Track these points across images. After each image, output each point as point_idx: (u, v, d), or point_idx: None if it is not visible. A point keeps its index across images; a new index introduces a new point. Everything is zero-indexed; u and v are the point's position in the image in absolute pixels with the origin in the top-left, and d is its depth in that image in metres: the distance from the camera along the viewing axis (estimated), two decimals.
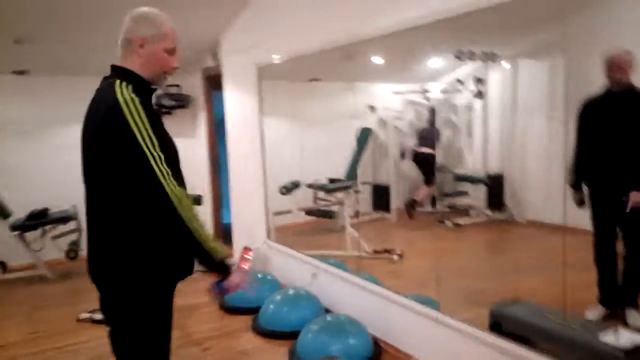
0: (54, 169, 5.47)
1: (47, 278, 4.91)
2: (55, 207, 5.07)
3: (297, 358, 2.88)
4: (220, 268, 1.64)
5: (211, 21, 4.75)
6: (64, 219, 4.90)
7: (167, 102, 5.96)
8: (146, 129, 1.52)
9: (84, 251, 5.01)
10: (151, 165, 1.50)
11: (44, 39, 4.42)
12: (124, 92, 1.56)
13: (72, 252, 4.90)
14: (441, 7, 2.56)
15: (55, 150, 5.48)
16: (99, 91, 1.71)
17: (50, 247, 4.97)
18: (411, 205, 5.28)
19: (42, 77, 5.32)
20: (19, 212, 4.89)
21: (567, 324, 2.44)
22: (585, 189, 2.86)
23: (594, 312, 2.76)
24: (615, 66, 2.61)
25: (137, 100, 1.55)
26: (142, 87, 1.66)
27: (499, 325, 2.60)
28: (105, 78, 1.72)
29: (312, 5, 3.67)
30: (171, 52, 1.71)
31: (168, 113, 6.03)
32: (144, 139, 1.50)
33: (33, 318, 3.94)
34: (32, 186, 5.34)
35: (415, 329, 2.98)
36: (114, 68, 1.71)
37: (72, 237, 5.03)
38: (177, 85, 6.03)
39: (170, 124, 6.30)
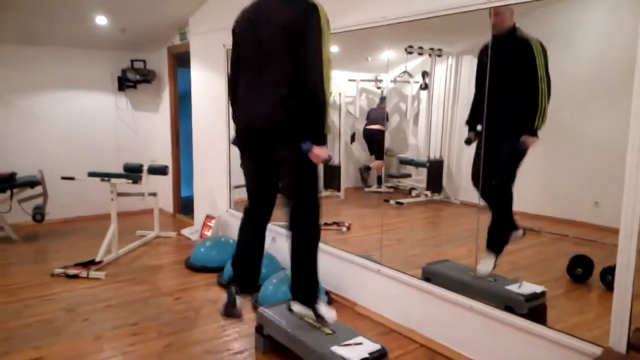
0: (21, 135, 5.64)
1: (12, 239, 5.10)
2: (22, 172, 5.27)
3: (260, 304, 3.35)
4: (322, 137, 2.29)
5: (181, 2, 5.05)
6: (31, 183, 5.10)
7: (132, 76, 6.18)
8: (327, 31, 2.19)
9: (49, 215, 5.28)
10: (322, 54, 2.15)
11: (18, 8, 4.58)
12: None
13: (38, 215, 5.11)
14: (394, 14, 3.06)
15: (22, 117, 5.63)
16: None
17: (16, 211, 5.17)
18: (366, 170, 5.86)
19: (11, 45, 5.43)
20: None
21: (484, 278, 3.03)
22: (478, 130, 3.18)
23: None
24: (492, 13, 2.89)
25: (325, 10, 2.21)
26: None
27: (429, 279, 3.16)
28: None
29: None
30: None
31: (133, 87, 6.27)
32: (324, 36, 2.17)
33: (5, 273, 4.18)
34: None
35: (359, 281, 3.53)
36: None
37: (38, 201, 5.25)
38: (143, 60, 6.26)
39: (134, 97, 6.63)
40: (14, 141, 5.60)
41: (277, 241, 4.21)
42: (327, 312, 2.60)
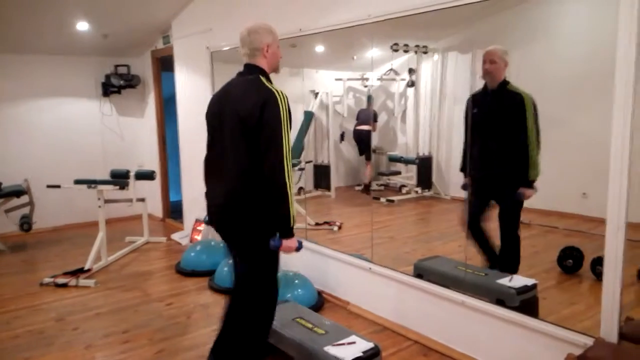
0: (5, 144, 5.56)
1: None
2: (7, 182, 5.20)
3: None
4: (289, 231, 2.20)
5: (164, 6, 5.01)
6: (18, 192, 5.03)
7: (116, 81, 6.12)
8: (287, 120, 2.13)
9: (36, 224, 5.22)
10: (282, 146, 2.09)
11: None
12: (275, 87, 2.16)
13: (25, 224, 5.04)
14: (380, 11, 3.05)
15: (6, 126, 5.55)
16: (242, 82, 2.26)
17: (3, 221, 5.10)
18: (366, 188, 5.97)
19: None
20: None
21: (475, 272, 3.04)
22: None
23: None
24: (487, 59, 2.98)
25: (287, 98, 2.15)
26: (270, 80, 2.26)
27: (421, 276, 3.16)
28: (242, 73, 2.31)
29: None
30: (279, 47, 2.34)
31: (117, 92, 6.20)
32: (283, 126, 2.11)
33: None
34: None
35: (351, 280, 3.52)
36: (252, 66, 2.28)
37: (25, 210, 5.18)
38: (127, 65, 6.20)
39: (119, 103, 6.55)
40: None
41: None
42: None
